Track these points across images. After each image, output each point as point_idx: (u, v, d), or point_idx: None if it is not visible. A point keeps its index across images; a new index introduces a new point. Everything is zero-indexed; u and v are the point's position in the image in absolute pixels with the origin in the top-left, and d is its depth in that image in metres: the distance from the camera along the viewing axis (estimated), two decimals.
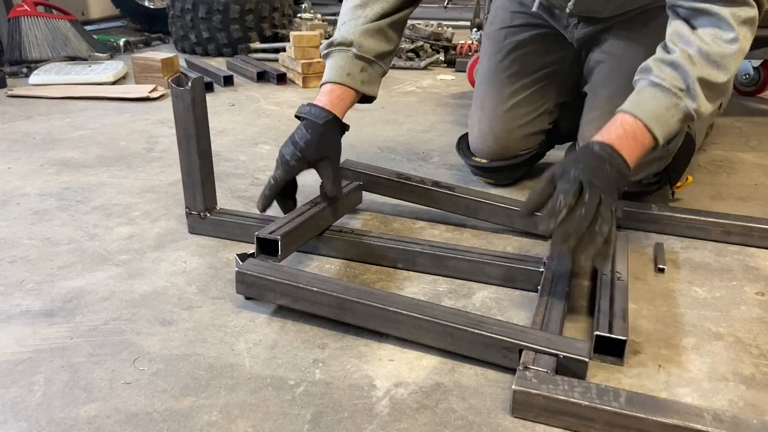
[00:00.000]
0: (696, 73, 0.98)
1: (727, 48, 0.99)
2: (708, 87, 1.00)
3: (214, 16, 3.11)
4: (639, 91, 1.02)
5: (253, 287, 0.98)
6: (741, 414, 0.72)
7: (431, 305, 0.91)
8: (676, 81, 0.99)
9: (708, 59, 0.99)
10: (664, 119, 0.99)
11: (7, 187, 1.51)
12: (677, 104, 0.99)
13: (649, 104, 1.00)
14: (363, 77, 1.22)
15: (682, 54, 0.99)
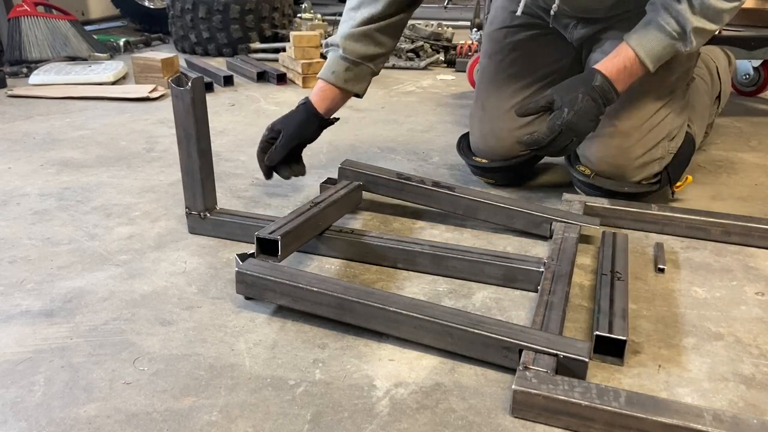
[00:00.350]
0: (694, 22, 1.15)
1: (724, 4, 1.14)
2: (700, 34, 1.17)
3: (214, 16, 3.11)
4: (646, 26, 1.19)
5: (253, 287, 0.98)
6: (741, 414, 0.72)
7: (431, 305, 0.91)
8: (675, 26, 1.16)
9: (707, 12, 1.15)
10: (659, 56, 1.19)
11: (7, 187, 1.51)
12: (673, 44, 1.18)
13: (651, 44, 1.18)
14: (347, 76, 1.35)
15: (688, 3, 1.15)
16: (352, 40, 1.33)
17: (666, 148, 1.35)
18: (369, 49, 1.34)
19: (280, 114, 1.41)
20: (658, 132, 1.33)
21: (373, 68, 1.38)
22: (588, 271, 1.14)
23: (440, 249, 1.11)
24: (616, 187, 1.35)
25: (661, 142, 1.34)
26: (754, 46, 1.96)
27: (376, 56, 1.36)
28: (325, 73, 1.36)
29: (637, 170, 1.34)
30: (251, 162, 1.68)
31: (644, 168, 1.34)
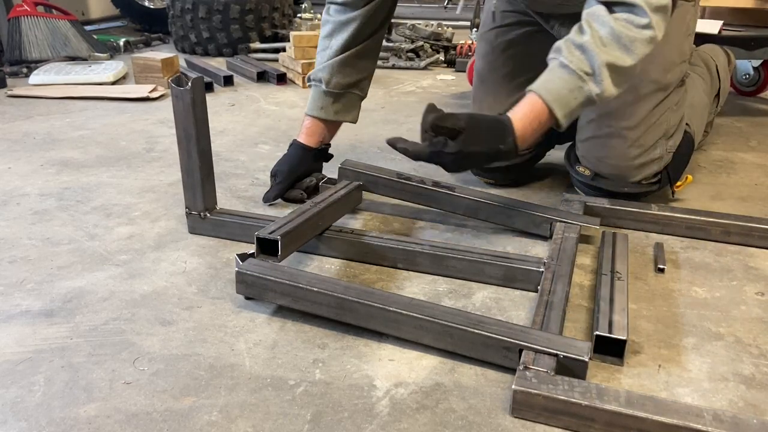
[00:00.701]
0: (604, 57, 1.01)
1: (639, 33, 1.02)
2: (615, 71, 1.02)
3: (214, 16, 3.11)
4: (550, 71, 1.06)
5: (253, 287, 0.98)
6: (741, 414, 0.72)
7: (431, 305, 0.91)
8: (582, 64, 1.02)
9: (619, 41, 1.02)
10: (566, 101, 1.03)
11: (7, 187, 1.51)
12: (581, 87, 1.02)
13: (555, 84, 1.04)
14: (336, 108, 1.38)
15: (593, 36, 1.02)
16: (332, 72, 1.34)
17: (664, 147, 1.35)
18: (352, 77, 1.37)
19: (280, 114, 1.43)
20: (656, 131, 1.33)
21: (360, 93, 1.41)
22: (588, 271, 1.14)
23: (440, 249, 1.11)
24: (616, 188, 1.35)
25: (659, 141, 1.34)
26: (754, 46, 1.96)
27: (360, 81, 1.39)
28: (313, 110, 1.38)
29: (636, 170, 1.34)
30: (251, 162, 1.68)
31: (643, 168, 1.34)
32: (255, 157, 1.72)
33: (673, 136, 1.36)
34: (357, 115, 1.44)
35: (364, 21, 1.33)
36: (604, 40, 1.02)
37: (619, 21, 1.02)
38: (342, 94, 1.37)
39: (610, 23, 1.02)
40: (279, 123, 2.04)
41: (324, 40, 1.37)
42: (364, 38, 1.35)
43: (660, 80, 1.33)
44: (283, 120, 2.07)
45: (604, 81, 1.01)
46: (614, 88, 1.03)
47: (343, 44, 1.34)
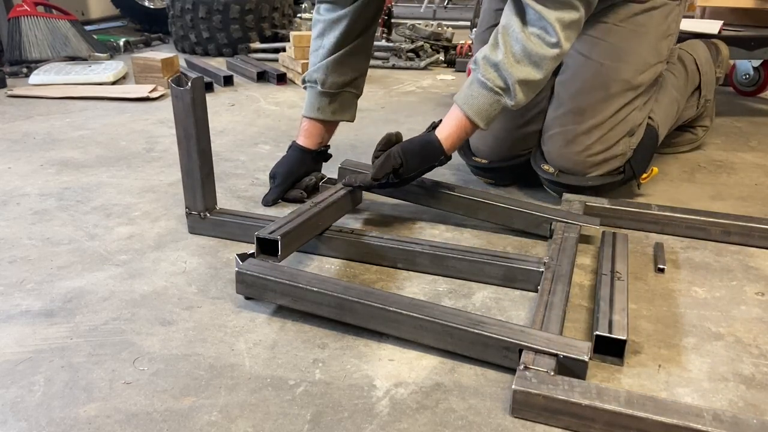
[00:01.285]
0: (516, 74, 1.11)
1: (548, 51, 1.10)
2: (526, 85, 1.12)
3: (214, 16, 3.11)
4: (470, 84, 1.17)
5: (253, 287, 0.98)
6: (741, 414, 0.72)
7: (431, 305, 0.91)
8: (498, 81, 1.13)
9: (530, 59, 1.10)
10: (487, 112, 1.16)
11: (7, 187, 1.51)
12: (498, 100, 1.14)
13: (477, 100, 1.16)
14: (333, 108, 1.40)
15: (507, 54, 1.11)
16: (326, 72, 1.36)
17: (627, 144, 1.36)
18: (347, 76, 1.38)
19: (280, 114, 1.43)
20: (620, 129, 1.34)
21: (356, 92, 1.42)
22: (588, 271, 1.14)
23: (440, 249, 1.11)
24: (580, 182, 1.36)
25: (622, 138, 1.35)
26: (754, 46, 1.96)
27: (355, 79, 1.41)
28: (310, 111, 1.39)
29: (597, 166, 1.36)
30: (251, 162, 1.68)
31: (604, 164, 1.36)
32: (255, 157, 1.72)
33: (636, 133, 1.37)
34: (354, 114, 1.44)
35: (354, 18, 1.34)
36: (517, 57, 1.11)
37: (531, 38, 1.09)
38: (338, 93, 1.38)
39: (523, 41, 1.09)
40: (279, 123, 2.04)
41: (316, 41, 1.38)
42: (356, 35, 1.36)
43: (631, 81, 1.33)
44: (283, 120, 2.07)
45: (517, 95, 1.12)
46: (525, 98, 1.14)
47: (335, 43, 1.35)
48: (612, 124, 1.33)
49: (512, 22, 1.11)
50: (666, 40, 1.38)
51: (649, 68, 1.35)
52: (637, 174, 1.38)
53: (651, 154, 1.41)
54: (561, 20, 1.07)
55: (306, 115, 1.40)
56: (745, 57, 2.01)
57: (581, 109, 1.34)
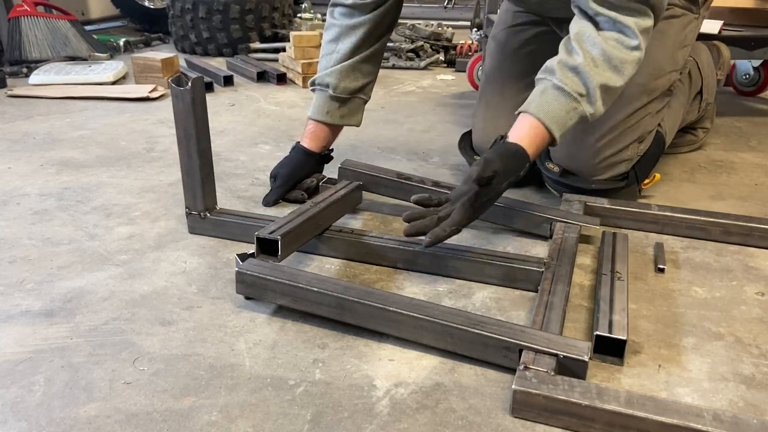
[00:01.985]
0: (597, 78, 1.05)
1: (628, 54, 1.05)
2: (606, 91, 1.06)
3: (214, 16, 3.11)
4: (543, 92, 1.08)
5: (253, 287, 0.98)
6: (741, 414, 0.72)
7: (431, 305, 0.91)
8: (577, 86, 1.05)
9: (610, 63, 1.05)
10: (563, 121, 1.07)
11: (7, 187, 1.51)
12: (576, 108, 1.06)
13: (552, 107, 1.07)
14: (342, 112, 1.39)
15: (586, 58, 1.05)
16: (339, 77, 1.34)
17: (635, 150, 1.36)
18: (359, 82, 1.37)
19: (280, 114, 1.42)
20: (631, 134, 1.34)
21: (365, 98, 1.42)
22: (588, 271, 1.14)
23: (440, 249, 1.11)
24: (584, 184, 1.36)
25: (632, 144, 1.35)
26: (754, 46, 1.96)
27: (366, 86, 1.40)
28: (319, 114, 1.38)
29: (603, 170, 1.35)
30: (251, 162, 1.68)
31: (611, 168, 1.36)
32: (255, 157, 1.72)
33: (646, 140, 1.37)
34: (361, 119, 1.44)
35: (373, 25, 1.33)
36: (597, 61, 1.05)
37: (609, 42, 1.05)
38: (348, 99, 1.38)
39: (601, 44, 1.05)
40: (279, 123, 2.04)
41: (329, 44, 1.36)
42: (373, 42, 1.36)
43: (646, 84, 1.33)
44: (283, 120, 2.07)
45: (597, 101, 1.05)
46: (603, 107, 1.08)
47: (351, 48, 1.34)
48: (623, 128, 1.33)
49: (585, 28, 1.07)
50: (682, 50, 1.39)
51: (665, 75, 1.35)
52: (639, 179, 1.38)
53: (656, 161, 1.41)
54: (638, 25, 1.05)
55: (313, 118, 1.39)
56: (745, 57, 2.01)
57: None
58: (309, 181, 1.40)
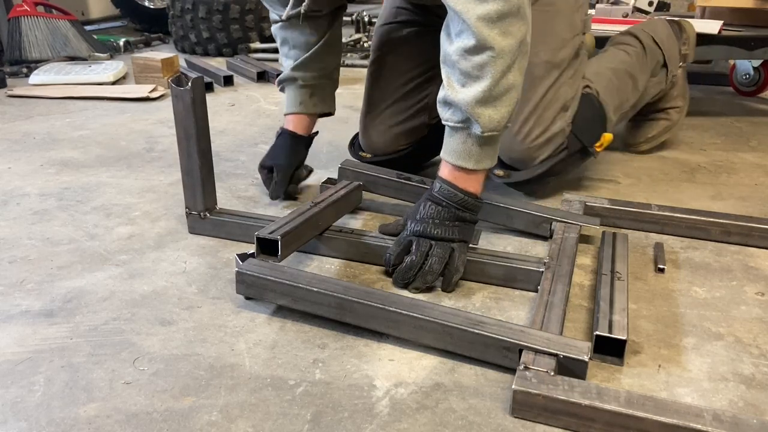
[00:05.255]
0: (463, 99, 1.00)
1: (476, 58, 0.98)
2: (483, 101, 0.99)
3: (214, 16, 3.11)
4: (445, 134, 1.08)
5: (253, 287, 0.98)
6: (741, 414, 0.72)
7: (431, 305, 0.91)
8: (454, 117, 1.03)
9: (468, 76, 0.99)
10: (467, 152, 1.05)
11: (7, 187, 1.51)
12: (468, 134, 1.04)
13: (451, 146, 1.06)
14: (314, 101, 1.42)
15: (449, 85, 1.03)
16: (304, 68, 1.38)
17: (564, 120, 1.35)
18: (324, 65, 1.40)
19: (280, 114, 1.43)
20: (553, 108, 1.34)
21: (333, 83, 1.45)
22: (588, 271, 1.14)
23: None
24: (531, 174, 1.36)
25: (558, 115, 1.34)
26: (754, 46, 1.96)
27: (332, 71, 1.43)
28: (293, 107, 1.41)
29: (541, 149, 1.35)
30: (251, 162, 1.68)
31: (547, 145, 1.35)
32: (255, 157, 1.72)
33: (571, 107, 1.37)
34: (334, 106, 1.47)
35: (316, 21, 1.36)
36: (457, 84, 1.01)
37: (459, 56, 0.99)
38: (317, 85, 1.40)
39: (456, 65, 1.00)
40: (279, 123, 2.03)
41: (284, 48, 1.41)
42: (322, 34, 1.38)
43: (552, 60, 1.33)
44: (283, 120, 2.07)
45: (479, 118, 1.00)
46: (496, 112, 1.00)
47: (306, 42, 1.38)
48: (544, 105, 1.33)
49: (445, 47, 1.03)
50: (578, 13, 1.39)
51: (567, 43, 1.35)
52: (586, 143, 1.37)
53: (599, 122, 1.40)
54: (482, 17, 0.94)
55: (290, 112, 1.42)
56: (745, 57, 2.01)
57: None
58: (301, 174, 1.42)
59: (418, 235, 1.06)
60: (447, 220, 1.06)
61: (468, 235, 1.08)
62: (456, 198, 1.06)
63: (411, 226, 1.08)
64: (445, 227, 1.05)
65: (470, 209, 1.07)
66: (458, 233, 1.06)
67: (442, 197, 1.06)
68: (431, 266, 1.04)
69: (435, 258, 1.04)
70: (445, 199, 1.06)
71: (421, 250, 1.04)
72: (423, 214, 1.07)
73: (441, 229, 1.05)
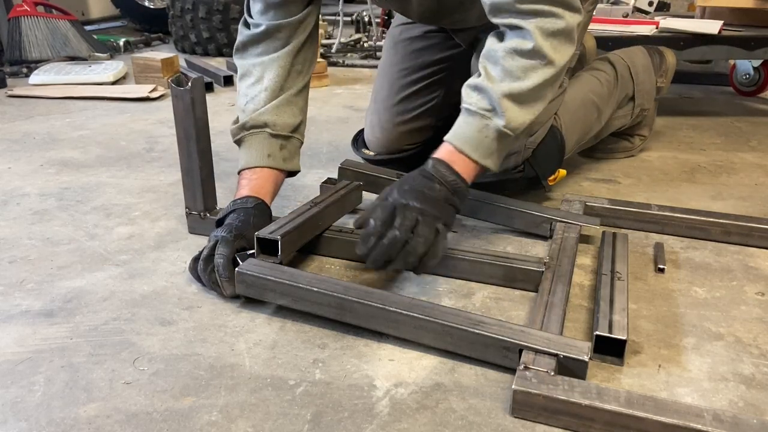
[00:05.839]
0: (498, 89, 1.00)
1: (525, 61, 1.00)
2: (516, 99, 1.00)
3: (214, 16, 3.11)
4: (458, 119, 1.05)
5: (253, 287, 0.98)
6: (741, 414, 0.72)
7: (431, 305, 0.91)
8: (481, 103, 1.01)
9: (511, 75, 1.00)
10: (478, 141, 1.02)
11: (7, 187, 1.51)
12: (487, 125, 1.01)
13: (463, 130, 1.03)
14: (284, 155, 1.21)
15: (486, 74, 1.02)
16: (277, 112, 1.19)
17: (523, 143, 1.31)
18: (296, 118, 1.23)
19: None
20: None
21: (301, 139, 1.26)
22: (588, 271, 1.14)
23: None
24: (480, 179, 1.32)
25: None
26: (754, 46, 1.96)
27: (301, 124, 1.25)
28: (259, 159, 1.19)
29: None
30: None
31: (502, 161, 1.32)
32: None
33: (537, 133, 1.32)
34: (299, 165, 1.27)
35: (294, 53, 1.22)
36: (496, 73, 1.01)
37: (506, 51, 1.01)
38: (288, 137, 1.21)
39: (500, 61, 1.01)
40: None
41: (253, 87, 1.21)
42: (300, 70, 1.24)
43: None
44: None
45: (506, 112, 0.99)
46: (522, 114, 1.01)
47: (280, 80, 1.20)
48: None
49: (490, 44, 1.04)
50: None
51: None
52: (541, 175, 1.35)
53: (556, 155, 1.37)
54: (542, 29, 0.99)
55: (253, 166, 1.19)
56: (745, 57, 2.01)
57: None
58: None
59: (404, 206, 0.97)
60: (437, 198, 0.99)
61: (452, 222, 1.03)
62: (448, 178, 1.01)
63: (395, 195, 0.99)
64: (434, 203, 0.98)
65: (459, 195, 1.02)
66: (446, 214, 1.00)
67: (435, 173, 1.01)
68: (415, 247, 0.95)
69: (421, 239, 0.95)
70: (437, 176, 1.01)
71: (405, 225, 0.95)
72: (412, 185, 1.00)
73: (430, 205, 0.98)
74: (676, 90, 2.41)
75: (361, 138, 1.59)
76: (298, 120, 1.23)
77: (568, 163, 1.50)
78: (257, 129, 1.19)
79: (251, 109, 1.20)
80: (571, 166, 1.59)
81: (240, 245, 1.04)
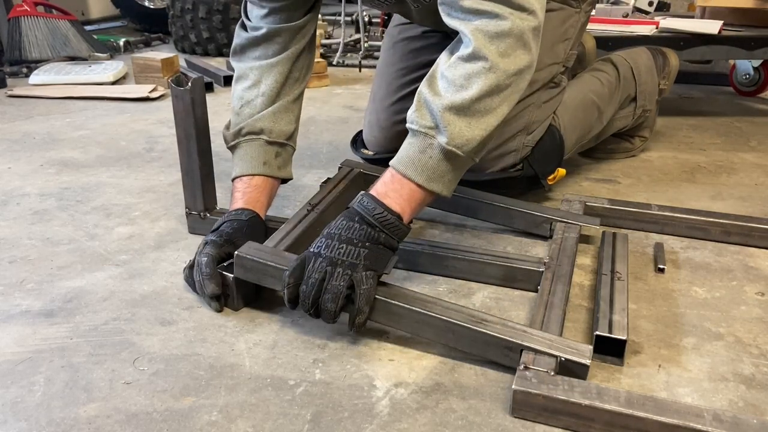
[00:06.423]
0: (440, 103, 0.92)
1: (467, 66, 0.92)
2: (458, 111, 0.91)
3: (214, 16, 3.11)
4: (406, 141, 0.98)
5: (251, 271, 0.96)
6: (741, 414, 0.72)
7: (434, 300, 0.90)
8: (423, 120, 0.94)
9: (453, 84, 0.93)
10: (421, 163, 0.93)
11: (7, 187, 1.51)
12: (431, 144, 0.93)
13: (406, 151, 0.95)
14: (279, 162, 1.19)
15: (430, 88, 0.95)
16: (273, 119, 1.17)
17: (521, 141, 1.31)
18: (291, 126, 1.21)
19: None
20: (515, 125, 1.30)
21: (294, 146, 1.24)
22: (588, 271, 1.14)
23: (440, 249, 1.11)
24: (477, 177, 1.32)
25: (518, 134, 1.31)
26: (754, 46, 1.96)
27: (294, 132, 1.23)
28: (254, 167, 1.15)
29: (492, 161, 1.31)
30: None
31: (499, 159, 1.31)
32: None
33: (535, 132, 1.33)
34: (292, 172, 1.25)
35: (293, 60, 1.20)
36: (439, 86, 0.94)
37: (451, 63, 0.94)
38: (284, 145, 1.19)
39: (445, 72, 0.95)
40: None
41: (248, 91, 1.18)
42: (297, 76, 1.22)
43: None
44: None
45: (448, 126, 0.91)
46: (467, 129, 0.92)
47: (277, 86, 1.18)
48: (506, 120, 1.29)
49: (438, 62, 0.98)
50: (563, 44, 1.36)
51: (544, 67, 1.32)
52: (540, 174, 1.35)
53: (555, 154, 1.37)
54: (481, 29, 0.92)
55: (247, 173, 1.15)
56: (745, 57, 2.01)
57: None
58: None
59: (315, 254, 0.90)
60: (356, 239, 0.89)
61: (380, 263, 0.90)
62: (375, 212, 0.91)
63: (315, 242, 0.92)
64: (350, 248, 0.89)
65: (390, 231, 0.92)
66: (365, 258, 0.88)
67: (359, 210, 0.92)
68: (325, 304, 0.87)
69: (329, 295, 0.87)
70: (361, 213, 0.91)
71: (313, 278, 0.88)
72: (331, 228, 0.92)
73: (342, 250, 0.89)
74: (676, 90, 2.40)
75: (360, 138, 1.59)
76: (292, 127, 1.21)
77: (568, 163, 1.50)
78: (253, 135, 1.17)
79: (247, 113, 1.17)
80: (571, 166, 1.59)
81: (227, 251, 1.01)
